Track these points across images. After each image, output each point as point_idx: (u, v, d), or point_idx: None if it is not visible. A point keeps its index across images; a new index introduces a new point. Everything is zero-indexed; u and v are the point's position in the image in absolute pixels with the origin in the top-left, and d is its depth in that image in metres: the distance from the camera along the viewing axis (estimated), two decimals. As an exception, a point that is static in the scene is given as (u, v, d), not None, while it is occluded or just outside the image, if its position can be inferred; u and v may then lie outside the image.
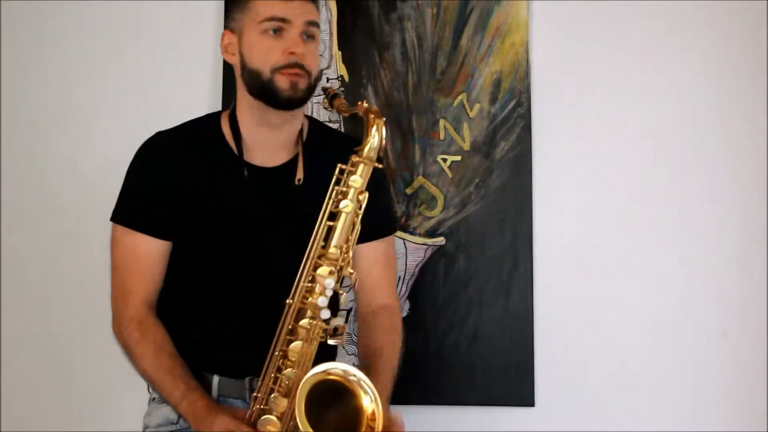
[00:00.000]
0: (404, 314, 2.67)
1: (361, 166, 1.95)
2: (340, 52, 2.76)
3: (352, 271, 1.93)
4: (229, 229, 2.04)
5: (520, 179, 2.69)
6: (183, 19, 2.79)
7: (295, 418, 1.82)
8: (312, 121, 2.18)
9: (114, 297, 2.06)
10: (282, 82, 1.97)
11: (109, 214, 2.09)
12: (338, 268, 1.92)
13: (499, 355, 2.65)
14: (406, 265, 2.69)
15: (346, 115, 2.02)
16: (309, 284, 1.92)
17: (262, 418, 1.89)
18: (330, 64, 2.75)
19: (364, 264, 2.12)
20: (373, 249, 2.14)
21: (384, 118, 1.97)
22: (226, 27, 2.09)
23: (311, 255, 1.92)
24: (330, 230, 1.93)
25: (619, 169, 2.72)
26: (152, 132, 2.12)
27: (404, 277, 2.69)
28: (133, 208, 2.05)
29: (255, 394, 1.91)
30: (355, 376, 1.84)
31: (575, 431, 2.65)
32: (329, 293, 1.90)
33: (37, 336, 2.78)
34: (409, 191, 2.72)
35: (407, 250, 2.70)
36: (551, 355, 2.66)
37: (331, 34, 2.75)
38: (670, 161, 2.71)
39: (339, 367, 1.85)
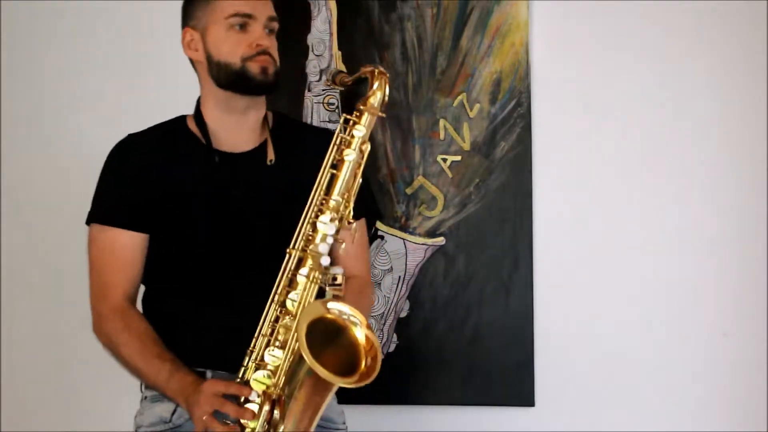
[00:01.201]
0: (404, 314, 2.68)
1: (365, 116, 1.96)
2: (340, 52, 2.76)
3: (352, 221, 1.94)
4: (206, 217, 2.04)
5: (520, 179, 2.69)
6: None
7: (295, 363, 1.82)
8: (276, 114, 2.19)
9: (93, 294, 2.06)
10: (253, 68, 2.01)
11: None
12: (339, 216, 1.93)
13: (499, 355, 2.65)
14: (406, 265, 2.69)
15: (349, 82, 2.04)
16: (310, 233, 1.93)
17: (256, 373, 1.87)
18: (330, 64, 2.75)
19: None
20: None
21: (387, 74, 1.99)
22: (185, 25, 2.10)
23: (313, 202, 1.94)
24: (332, 179, 1.95)
25: (619, 168, 2.72)
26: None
27: (404, 277, 2.69)
28: (107, 205, 2.07)
29: (249, 349, 1.90)
30: (346, 314, 1.85)
31: (575, 431, 2.65)
32: (330, 241, 1.91)
33: (37, 336, 2.78)
34: (409, 191, 2.72)
35: (407, 250, 2.70)
36: (551, 355, 2.66)
37: (331, 34, 2.75)
38: (670, 161, 2.71)
39: (335, 307, 1.85)
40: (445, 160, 2.72)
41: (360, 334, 1.85)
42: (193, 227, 2.04)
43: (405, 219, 2.71)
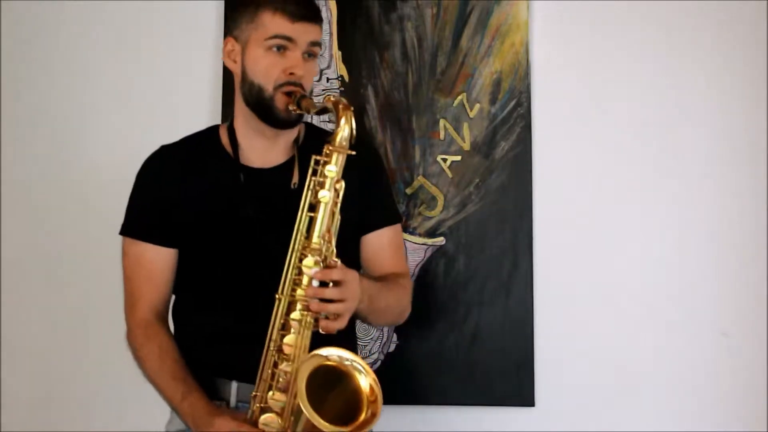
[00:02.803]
0: (404, 314, 2.68)
1: (335, 155, 1.95)
2: (340, 52, 2.75)
3: (336, 259, 1.94)
4: (229, 233, 2.06)
5: (520, 179, 2.69)
6: (183, 22, 2.79)
7: (296, 412, 1.83)
8: (308, 127, 2.20)
9: (125, 307, 2.11)
10: (280, 102, 2.01)
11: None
12: (323, 258, 1.93)
13: (499, 355, 2.65)
14: (406, 265, 2.69)
15: (314, 112, 2.02)
16: (296, 276, 1.93)
17: (264, 416, 1.89)
18: (330, 64, 2.75)
19: (371, 251, 2.15)
20: (378, 236, 2.16)
21: (352, 108, 1.96)
22: (229, 34, 2.10)
23: (295, 247, 1.94)
24: (311, 221, 1.94)
25: (619, 168, 2.71)
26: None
27: (404, 277, 2.69)
28: (138, 220, 2.10)
29: (253, 393, 1.92)
30: (348, 360, 1.88)
31: (575, 431, 2.65)
32: (316, 284, 1.91)
33: (37, 336, 2.78)
34: (409, 191, 2.72)
35: (407, 250, 2.69)
36: (551, 355, 2.66)
37: (331, 34, 2.75)
38: (670, 161, 2.71)
39: (334, 353, 1.87)
40: (445, 160, 2.72)
41: (364, 381, 1.87)
42: (217, 243, 2.06)
43: (405, 219, 2.70)
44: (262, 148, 2.10)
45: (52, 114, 2.83)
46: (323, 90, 2.74)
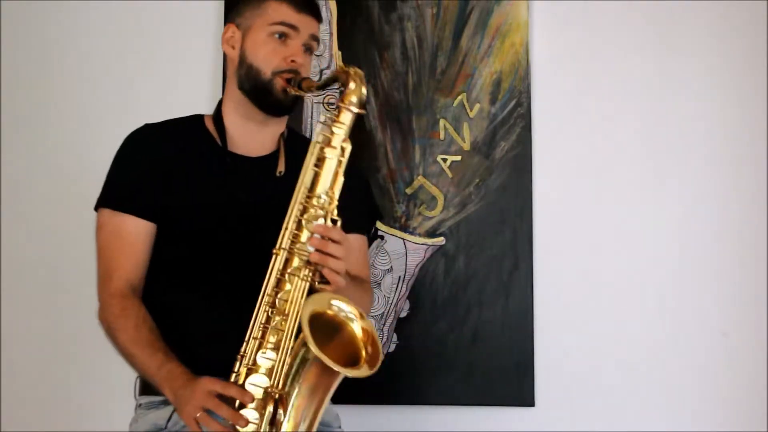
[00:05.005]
0: (404, 314, 2.68)
1: (344, 113, 1.93)
2: (340, 52, 2.76)
3: (337, 218, 1.91)
4: (212, 216, 2.04)
5: (520, 179, 2.69)
6: (183, 21, 2.79)
7: (293, 362, 1.82)
8: (290, 130, 2.20)
9: (98, 281, 2.05)
10: (278, 85, 2.04)
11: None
12: (324, 213, 1.91)
13: (499, 355, 2.65)
14: (406, 265, 2.69)
15: (319, 86, 2.02)
16: (295, 231, 1.90)
17: (251, 377, 1.84)
18: (330, 64, 2.75)
19: None
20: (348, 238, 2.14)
21: (362, 72, 1.95)
22: (230, 21, 2.13)
23: (297, 199, 1.92)
24: (315, 177, 1.93)
25: (619, 168, 2.72)
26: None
27: (404, 277, 2.69)
28: (120, 191, 2.07)
29: (240, 353, 1.86)
30: (344, 311, 1.87)
31: (575, 431, 2.65)
32: (317, 237, 1.88)
33: (37, 336, 2.78)
34: (409, 191, 2.72)
35: (407, 250, 2.70)
36: (551, 355, 2.66)
37: (331, 34, 2.75)
38: (670, 161, 2.71)
39: (336, 304, 1.88)
40: (445, 160, 2.72)
41: (357, 327, 1.87)
42: (198, 225, 2.04)
43: (405, 219, 2.71)
44: (249, 136, 2.11)
45: (52, 114, 2.83)
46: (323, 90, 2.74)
